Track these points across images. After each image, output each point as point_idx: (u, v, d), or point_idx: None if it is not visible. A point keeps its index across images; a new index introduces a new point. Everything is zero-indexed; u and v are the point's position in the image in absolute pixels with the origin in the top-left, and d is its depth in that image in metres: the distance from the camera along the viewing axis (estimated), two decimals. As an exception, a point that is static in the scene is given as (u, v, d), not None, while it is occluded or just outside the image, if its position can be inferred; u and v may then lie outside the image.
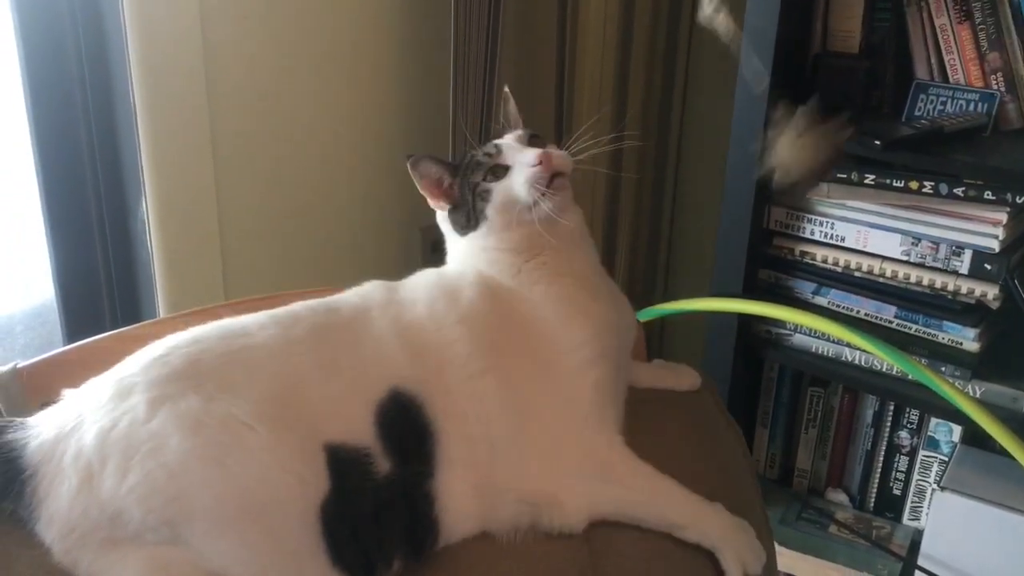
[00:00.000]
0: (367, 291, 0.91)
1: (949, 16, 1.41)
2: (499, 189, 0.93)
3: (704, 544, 0.87)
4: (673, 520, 0.87)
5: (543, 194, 0.90)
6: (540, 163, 0.91)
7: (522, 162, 0.92)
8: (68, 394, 0.79)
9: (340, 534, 0.75)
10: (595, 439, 0.87)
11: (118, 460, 0.72)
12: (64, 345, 1.22)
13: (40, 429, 0.76)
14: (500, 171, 0.93)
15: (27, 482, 0.74)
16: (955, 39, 1.42)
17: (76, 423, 0.75)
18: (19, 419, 0.78)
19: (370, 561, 0.77)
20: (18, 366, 0.91)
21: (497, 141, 0.97)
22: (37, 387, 0.80)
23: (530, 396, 0.87)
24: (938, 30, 1.43)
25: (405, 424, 0.80)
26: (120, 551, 0.73)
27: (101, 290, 1.33)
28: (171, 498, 0.71)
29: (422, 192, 0.98)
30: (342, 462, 0.76)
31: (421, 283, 0.93)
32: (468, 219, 0.96)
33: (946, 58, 1.44)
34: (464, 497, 0.81)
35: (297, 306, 0.87)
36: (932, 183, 1.38)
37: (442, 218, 1.01)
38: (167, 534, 0.72)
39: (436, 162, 0.97)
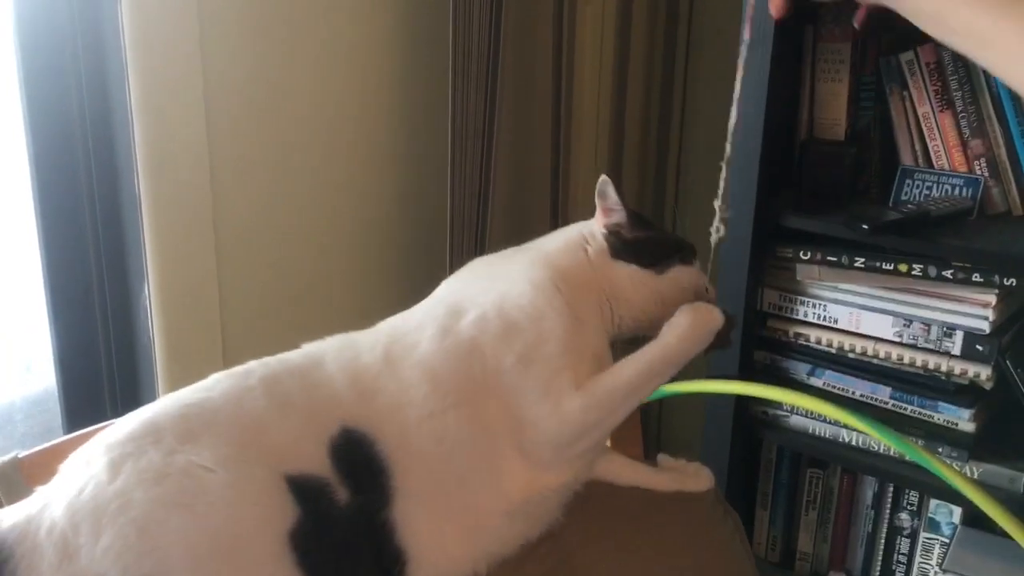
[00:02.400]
0: (321, 342, 0.91)
1: (931, 105, 1.46)
2: (692, 272, 0.96)
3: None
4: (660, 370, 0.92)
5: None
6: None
7: (708, 294, 0.97)
8: (39, 489, 0.79)
9: (314, 563, 0.75)
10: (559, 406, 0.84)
11: (89, 525, 0.72)
12: (64, 433, 1.22)
13: (8, 514, 0.76)
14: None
15: (4, 566, 0.73)
16: (938, 126, 1.46)
17: (45, 501, 0.76)
18: None
19: None
20: (19, 456, 0.91)
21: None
22: (38, 477, 0.80)
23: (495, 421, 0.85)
24: (921, 118, 1.47)
25: (357, 459, 0.80)
26: None
27: (102, 377, 1.33)
28: (145, 552, 0.71)
29: (609, 206, 0.96)
30: (303, 491, 0.76)
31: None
32: (653, 258, 0.94)
33: (930, 144, 1.48)
34: (434, 527, 0.81)
35: (251, 363, 0.87)
36: (921, 266, 1.41)
37: (602, 233, 0.97)
38: None
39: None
